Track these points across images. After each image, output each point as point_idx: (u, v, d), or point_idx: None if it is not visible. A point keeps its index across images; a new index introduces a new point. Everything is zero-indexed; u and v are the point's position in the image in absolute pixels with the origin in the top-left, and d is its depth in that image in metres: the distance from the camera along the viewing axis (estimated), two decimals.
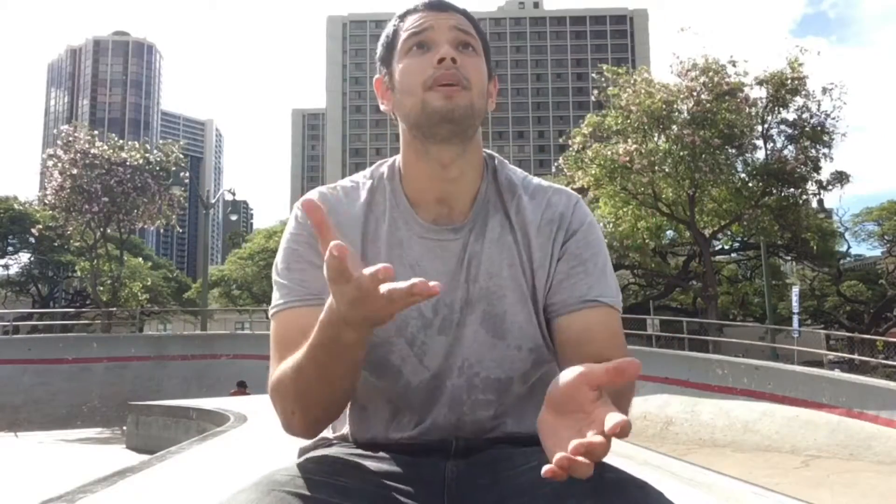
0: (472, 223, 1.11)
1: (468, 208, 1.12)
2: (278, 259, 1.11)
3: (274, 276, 1.10)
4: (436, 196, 1.11)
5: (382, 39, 1.14)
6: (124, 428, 11.59)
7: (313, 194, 1.15)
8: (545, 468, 0.70)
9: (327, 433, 1.14)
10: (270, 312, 1.08)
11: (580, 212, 1.15)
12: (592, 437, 0.69)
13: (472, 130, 1.08)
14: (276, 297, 1.08)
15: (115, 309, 23.04)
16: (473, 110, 1.06)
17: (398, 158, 1.16)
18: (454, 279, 1.09)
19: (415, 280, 0.76)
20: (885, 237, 26.90)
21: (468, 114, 1.06)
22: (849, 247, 27.52)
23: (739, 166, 19.01)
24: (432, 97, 1.04)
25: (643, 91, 18.03)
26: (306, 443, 1.14)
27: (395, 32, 1.11)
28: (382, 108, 1.15)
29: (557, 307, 1.09)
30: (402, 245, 1.10)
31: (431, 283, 0.75)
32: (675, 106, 17.96)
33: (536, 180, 1.20)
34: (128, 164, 22.05)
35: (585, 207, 1.17)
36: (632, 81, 18.60)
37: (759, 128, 18.87)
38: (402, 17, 1.11)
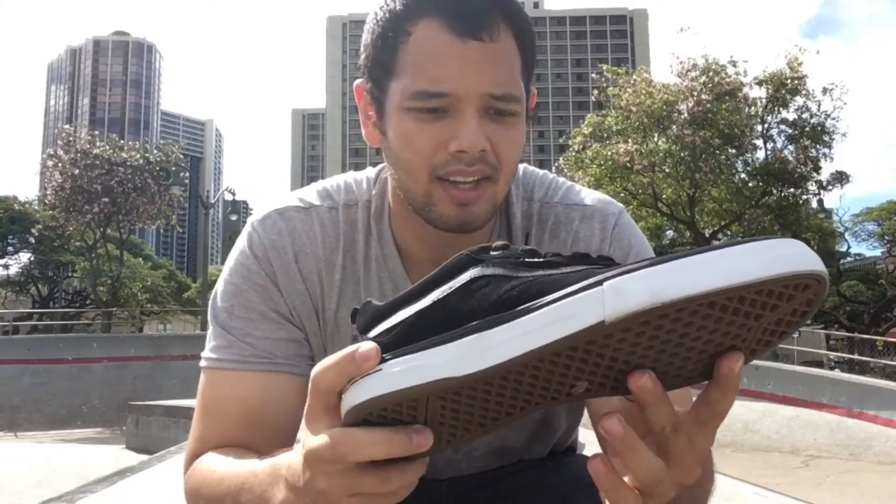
0: None
1: None
2: (219, 292, 0.86)
3: (210, 314, 0.87)
4: (433, 258, 0.84)
5: (373, 42, 0.78)
6: (124, 428, 11.58)
7: (277, 222, 0.86)
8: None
9: None
10: (202, 362, 0.86)
11: (620, 241, 0.87)
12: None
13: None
14: (210, 346, 0.86)
15: (115, 309, 23.05)
16: (495, 207, 0.80)
17: (388, 192, 0.88)
18: None
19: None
20: (885, 237, 26.86)
21: (486, 219, 0.79)
22: (849, 247, 27.50)
23: (739, 166, 19.01)
24: (441, 198, 0.76)
25: (643, 91, 18.02)
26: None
27: (395, 44, 0.75)
28: (365, 134, 0.84)
29: None
30: None
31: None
32: (675, 106, 17.96)
33: (562, 200, 0.90)
34: (128, 164, 22.08)
35: (629, 228, 0.89)
36: (632, 81, 18.59)
37: (759, 128, 18.87)
38: (408, 22, 0.74)
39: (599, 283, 0.47)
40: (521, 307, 0.49)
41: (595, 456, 0.52)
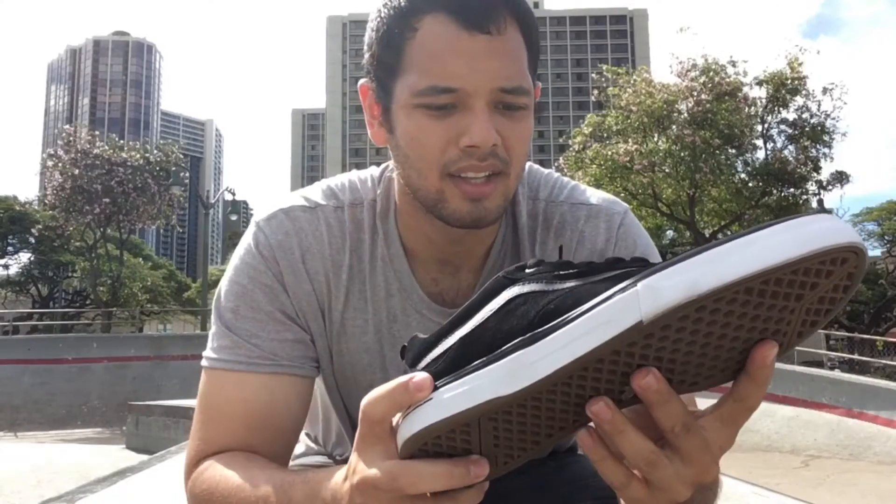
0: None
1: (480, 264, 0.87)
2: (223, 292, 0.85)
3: (214, 314, 0.85)
4: (439, 257, 0.86)
5: (377, 40, 0.77)
6: (124, 428, 11.58)
7: (283, 221, 0.85)
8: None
9: (314, 445, 1.07)
10: (204, 362, 0.84)
11: (625, 241, 0.88)
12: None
13: None
14: (213, 345, 0.84)
15: (115, 309, 23.05)
16: (507, 202, 0.78)
17: (394, 189, 0.87)
18: None
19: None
20: (886, 237, 26.88)
21: (499, 213, 0.78)
22: None
23: (739, 166, 19.00)
24: (453, 194, 0.75)
25: (643, 91, 18.02)
26: (300, 449, 1.08)
27: (401, 41, 0.74)
28: (371, 134, 0.82)
29: None
30: (397, 320, 0.87)
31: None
32: (675, 106, 17.95)
33: (567, 199, 0.90)
34: (128, 164, 22.07)
35: (634, 228, 0.90)
36: (632, 81, 18.58)
37: (759, 128, 18.86)
38: (413, 18, 0.73)
39: (633, 284, 0.47)
40: (560, 319, 0.50)
41: (586, 427, 0.52)
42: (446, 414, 0.50)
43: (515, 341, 0.51)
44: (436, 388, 0.52)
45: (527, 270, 0.55)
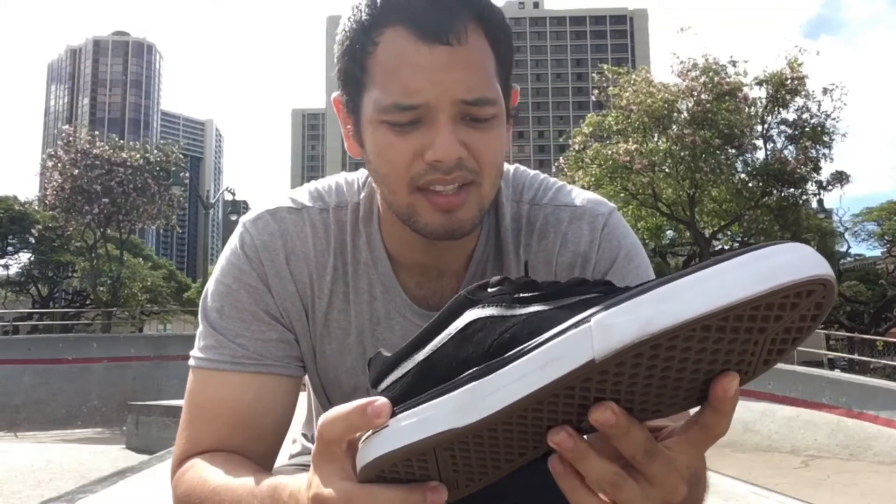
0: None
1: (463, 268, 0.87)
2: (210, 292, 0.85)
3: (201, 314, 0.85)
4: (421, 261, 0.86)
5: (342, 54, 0.77)
6: (124, 428, 11.58)
7: (269, 223, 0.85)
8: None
9: (310, 445, 1.07)
10: (191, 361, 0.84)
11: (609, 242, 0.86)
12: None
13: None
14: (200, 345, 0.83)
15: (115, 309, 23.04)
16: (482, 212, 0.78)
17: (376, 195, 0.86)
18: None
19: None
20: (885, 237, 26.86)
21: (474, 224, 0.77)
22: (849, 247, 27.46)
23: (739, 166, 19.00)
24: (424, 207, 0.75)
25: (644, 91, 18.01)
26: (296, 449, 1.09)
27: (363, 56, 0.73)
28: (346, 146, 0.82)
29: None
30: (381, 323, 0.87)
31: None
32: (675, 106, 17.94)
33: (552, 201, 0.88)
34: (128, 164, 22.06)
35: (619, 228, 0.88)
36: (632, 81, 18.58)
37: (759, 128, 18.86)
38: (374, 32, 0.72)
39: (587, 319, 0.45)
40: (514, 352, 0.48)
41: (554, 455, 0.51)
42: (400, 444, 0.50)
43: (470, 372, 0.50)
44: (394, 415, 0.51)
45: (489, 290, 0.54)
